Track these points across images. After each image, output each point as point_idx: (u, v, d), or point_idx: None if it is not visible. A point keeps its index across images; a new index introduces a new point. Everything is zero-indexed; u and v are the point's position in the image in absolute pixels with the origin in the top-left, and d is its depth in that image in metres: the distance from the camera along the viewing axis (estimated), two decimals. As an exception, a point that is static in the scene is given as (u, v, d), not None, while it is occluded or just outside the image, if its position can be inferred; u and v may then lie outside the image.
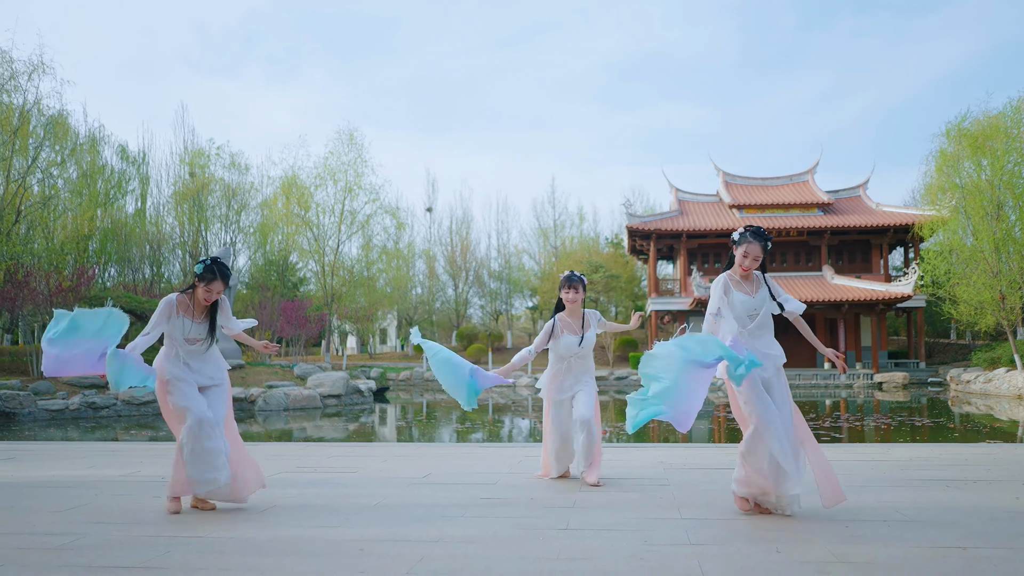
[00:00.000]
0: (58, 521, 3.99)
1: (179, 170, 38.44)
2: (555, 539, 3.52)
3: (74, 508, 4.32)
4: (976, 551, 3.26)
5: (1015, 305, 25.18)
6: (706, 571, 2.97)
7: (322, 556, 3.25)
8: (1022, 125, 26.18)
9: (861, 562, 3.10)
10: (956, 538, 3.49)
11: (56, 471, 5.85)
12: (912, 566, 3.03)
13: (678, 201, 39.11)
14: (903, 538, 3.50)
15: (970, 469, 5.64)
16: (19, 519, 4.05)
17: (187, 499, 4.43)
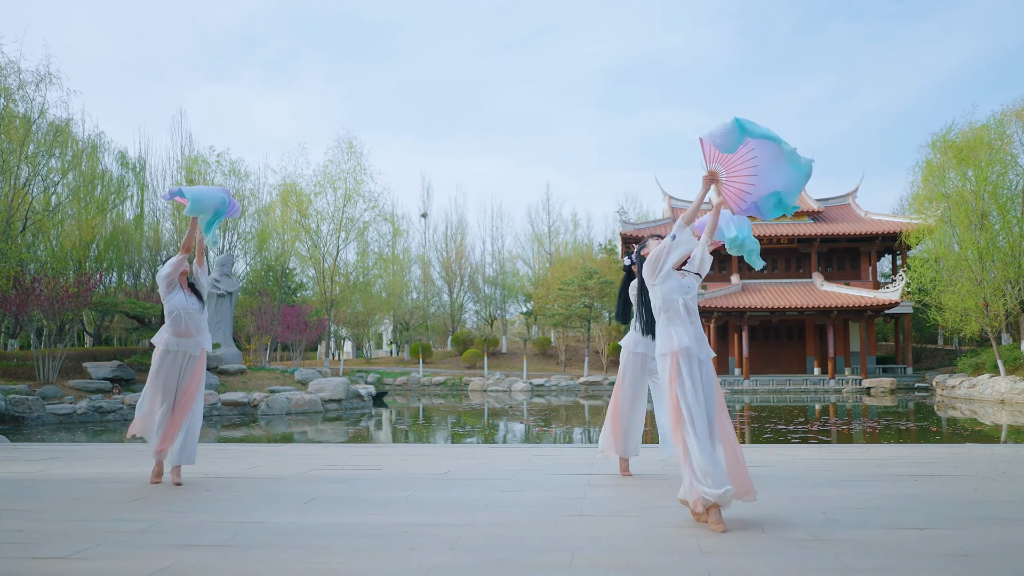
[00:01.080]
0: (129, 510, 4.51)
1: (177, 176, 38.85)
2: (572, 523, 4.07)
3: (137, 500, 4.85)
4: (932, 531, 3.83)
5: (998, 312, 25.88)
6: (703, 548, 3.53)
7: (374, 537, 3.78)
8: (1005, 138, 26.95)
9: (834, 540, 3.66)
10: (916, 521, 4.06)
11: (103, 469, 6.36)
12: (877, 543, 3.59)
13: (671, 208, 39.78)
14: (871, 522, 4.06)
15: (939, 466, 6.21)
16: (93, 508, 4.56)
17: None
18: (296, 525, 4.06)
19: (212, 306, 26.39)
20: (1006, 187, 26.48)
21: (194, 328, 5.67)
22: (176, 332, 5.62)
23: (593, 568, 3.18)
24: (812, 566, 3.21)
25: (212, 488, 5.29)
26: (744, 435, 14.35)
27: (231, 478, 5.79)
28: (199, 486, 5.40)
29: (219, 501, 4.78)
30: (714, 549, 3.50)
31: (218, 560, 3.33)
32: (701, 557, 3.35)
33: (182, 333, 5.63)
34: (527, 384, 34.49)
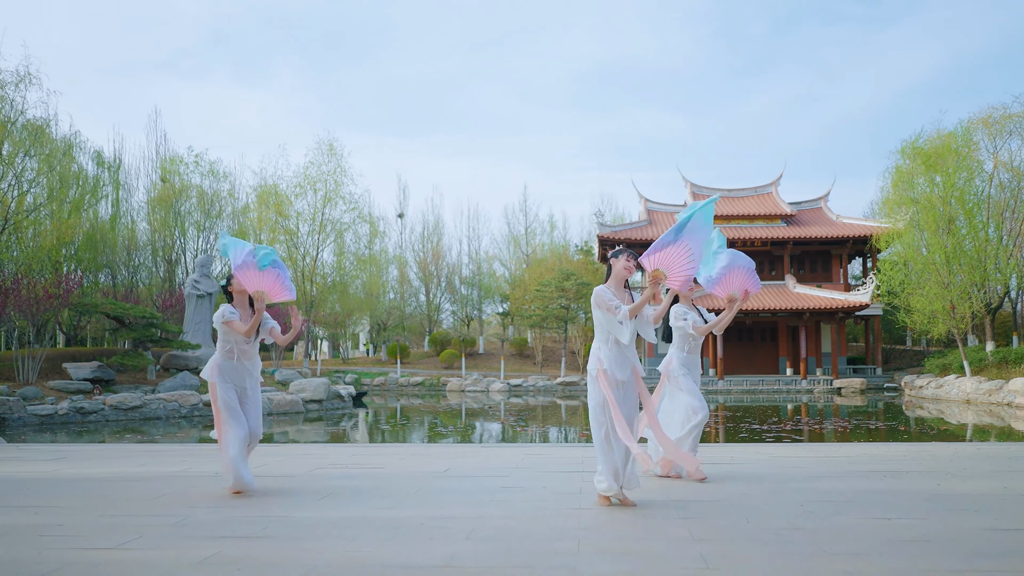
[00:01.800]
0: (158, 505, 4.81)
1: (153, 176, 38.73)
2: (573, 516, 4.45)
3: (161, 496, 5.14)
4: (898, 520, 4.25)
5: (965, 315, 26.67)
6: (695, 536, 3.91)
7: (392, 528, 4.12)
8: (971, 145, 27.76)
9: (812, 528, 4.06)
10: (884, 512, 4.48)
11: (113, 468, 6.62)
12: (848, 530, 4.00)
13: (647, 211, 40.34)
14: (844, 512, 4.47)
15: (906, 463, 6.67)
16: (120, 505, 4.85)
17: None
18: (319, 519, 4.38)
19: (192, 307, 26.45)
20: (972, 193, 27.27)
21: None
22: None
23: (599, 553, 3.55)
24: (794, 551, 3.60)
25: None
26: (719, 434, 14.83)
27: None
28: (214, 484, 5.69)
29: (240, 498, 5.09)
30: (704, 537, 3.88)
31: (257, 549, 3.65)
32: (693, 544, 3.73)
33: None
34: (505, 384, 34.87)
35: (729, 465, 6.58)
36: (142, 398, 19.46)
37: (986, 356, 26.31)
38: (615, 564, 3.37)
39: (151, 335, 23.47)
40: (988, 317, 27.68)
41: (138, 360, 22.18)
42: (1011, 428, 16.13)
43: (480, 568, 3.32)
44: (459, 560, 3.46)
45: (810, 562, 3.40)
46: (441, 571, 3.28)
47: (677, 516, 4.40)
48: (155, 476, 6.11)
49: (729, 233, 36.56)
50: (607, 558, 3.47)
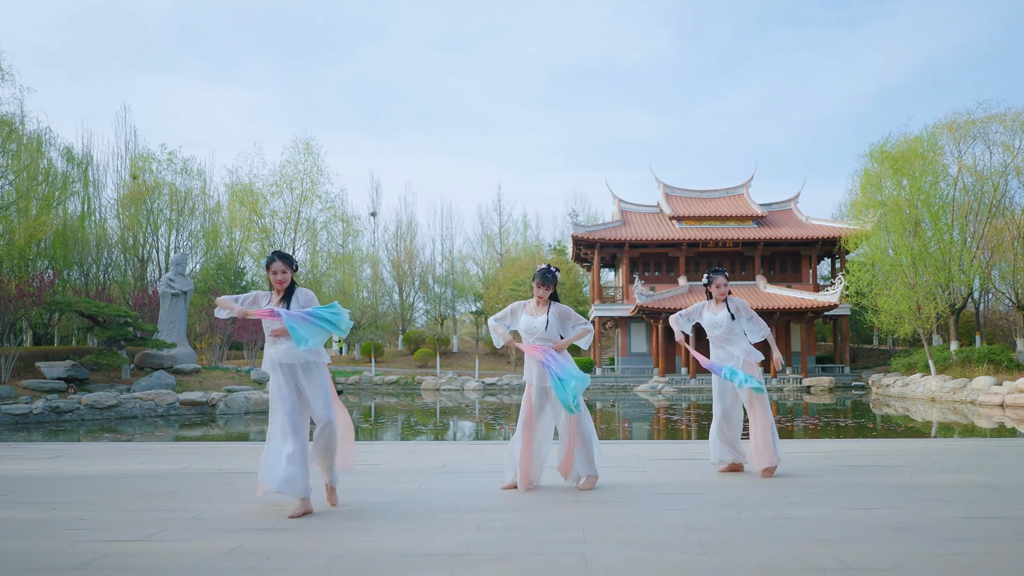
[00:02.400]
0: (172, 501, 4.98)
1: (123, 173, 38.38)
2: (574, 507, 4.70)
3: (171, 493, 5.31)
4: (877, 510, 4.56)
5: (930, 315, 27.41)
6: (691, 525, 4.19)
7: (404, 520, 4.34)
8: (937, 149, 28.53)
9: (798, 518, 4.35)
10: (863, 503, 4.80)
11: (114, 466, 6.75)
12: (831, 519, 4.30)
13: (621, 212, 40.77)
14: (826, 504, 4.78)
15: (880, 458, 7.02)
16: (135, 501, 5.02)
17: None
18: (333, 513, 4.60)
19: (167, 306, 26.33)
20: (938, 196, 28.02)
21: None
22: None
23: (605, 541, 3.81)
24: (784, 537, 3.88)
25: (234, 482, 5.76)
26: (691, 432, 15.19)
27: (244, 473, 6.26)
28: (221, 480, 5.86)
29: (248, 493, 5.27)
30: (699, 526, 4.15)
31: (281, 541, 3.86)
32: (690, 532, 4.00)
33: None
34: (479, 383, 35.07)
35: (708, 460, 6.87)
36: (118, 397, 19.40)
37: (950, 355, 27.06)
38: (621, 551, 3.63)
39: (126, 334, 23.35)
40: (952, 317, 28.46)
41: (113, 359, 22.08)
42: (974, 425, 16.69)
43: (496, 555, 3.56)
44: (475, 548, 3.69)
45: (799, 547, 3.68)
46: (460, 558, 3.51)
47: (672, 508, 4.67)
48: (159, 473, 6.26)
49: (701, 234, 37.18)
50: (613, 546, 3.73)
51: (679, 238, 36.86)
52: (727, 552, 3.60)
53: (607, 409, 22.67)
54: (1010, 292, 29.54)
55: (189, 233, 38.06)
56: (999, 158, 28.84)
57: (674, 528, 4.11)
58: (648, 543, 3.78)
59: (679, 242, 37.12)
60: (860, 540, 3.82)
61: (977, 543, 3.75)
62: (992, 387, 22.66)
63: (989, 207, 28.64)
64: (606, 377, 35.98)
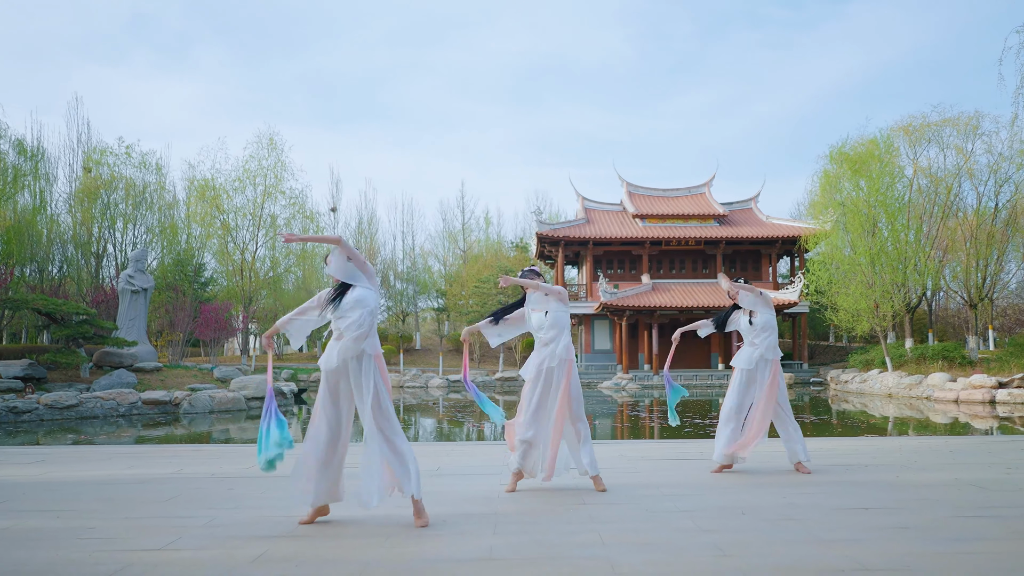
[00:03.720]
0: (178, 507, 4.94)
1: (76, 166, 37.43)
2: (582, 509, 4.79)
3: (173, 499, 5.25)
4: (874, 510, 4.73)
5: (887, 313, 28.12)
6: (701, 527, 4.30)
7: (421, 526, 4.36)
8: (893, 151, 29.26)
9: (800, 518, 4.49)
10: (859, 502, 4.97)
11: (104, 471, 6.65)
12: (833, 519, 4.46)
13: (584, 209, 41.02)
14: (823, 504, 4.94)
15: (860, 456, 7.24)
16: (139, 507, 4.96)
17: None
18: (347, 519, 4.61)
19: (127, 303, 25.82)
20: (894, 197, 28.72)
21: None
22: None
23: (624, 544, 3.89)
24: (793, 538, 4.01)
25: (233, 487, 5.72)
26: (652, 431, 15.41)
27: (237, 477, 6.22)
28: (219, 485, 5.81)
29: (251, 498, 5.25)
30: (710, 528, 4.26)
31: (305, 548, 3.87)
32: (703, 535, 4.11)
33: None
34: (443, 380, 35.05)
35: (701, 460, 7.03)
36: (78, 397, 19.00)
37: (906, 352, 27.81)
38: (643, 553, 3.72)
39: (84, 332, 22.85)
40: (907, 316, 29.23)
41: (71, 358, 21.61)
42: (931, 421, 17.20)
43: (521, 559, 3.61)
44: (498, 553, 3.74)
45: (810, 548, 3.80)
46: (486, 563, 3.56)
47: (677, 510, 4.78)
48: (152, 478, 6.18)
49: (664, 232, 37.59)
50: (633, 548, 3.81)
51: (642, 236, 37.23)
52: (744, 554, 3.71)
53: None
54: (962, 291, 30.43)
55: (147, 228, 37.29)
56: (952, 160, 29.70)
57: (686, 530, 4.21)
58: (666, 546, 3.87)
59: (642, 240, 37.49)
60: (867, 540, 3.96)
61: (975, 542, 3.92)
62: (947, 383, 23.36)
63: (943, 208, 29.46)
64: (570, 374, 36.16)
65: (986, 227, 28.95)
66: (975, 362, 25.74)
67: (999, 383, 22.06)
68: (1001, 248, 29.28)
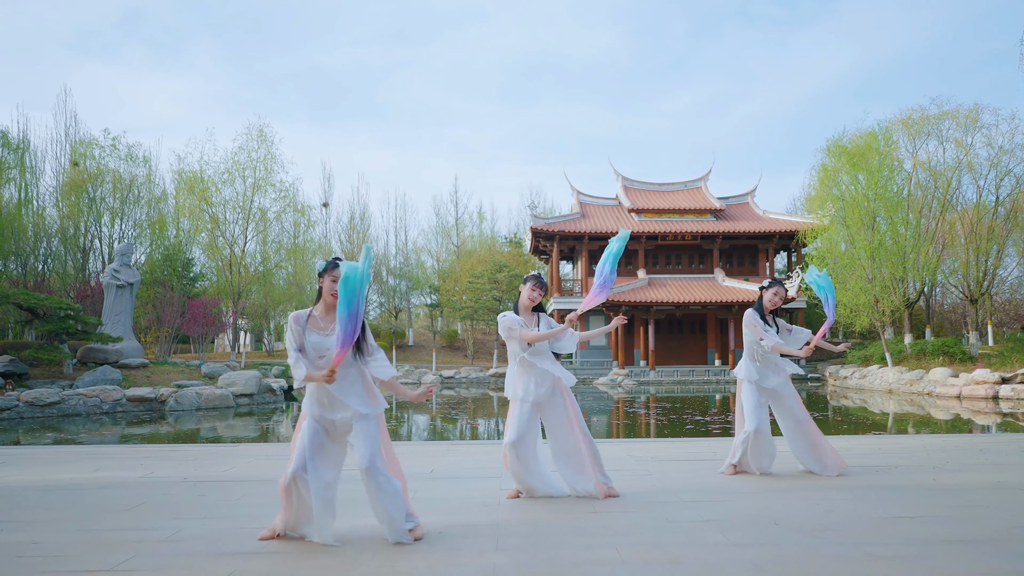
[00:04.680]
0: (139, 517, 4.40)
1: (63, 159, 36.69)
2: (593, 519, 4.26)
3: (136, 507, 4.71)
4: (923, 518, 4.22)
5: (887, 308, 27.70)
6: (732, 540, 3.79)
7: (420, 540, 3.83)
8: (892, 144, 28.81)
9: (841, 529, 3.98)
10: (903, 511, 4.46)
11: (67, 474, 6.10)
12: (879, 529, 3.95)
13: (579, 204, 40.49)
14: (863, 510, 4.43)
15: (886, 457, 6.74)
16: (96, 517, 4.41)
17: None
18: (327, 529, 4.06)
19: (112, 298, 25.20)
20: (893, 191, 28.28)
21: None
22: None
23: (647, 563, 3.37)
24: (838, 553, 3.50)
25: (205, 493, 5.18)
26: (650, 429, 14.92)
27: (215, 481, 5.68)
28: (187, 491, 5.27)
29: (223, 506, 4.71)
30: (742, 541, 3.75)
31: (279, 567, 3.34)
32: (736, 550, 3.59)
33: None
34: (437, 376, 34.50)
35: (715, 461, 6.52)
36: (60, 394, 18.39)
37: (905, 348, 27.40)
38: (673, 573, 3.20)
39: (68, 327, 22.22)
40: (906, 311, 28.82)
41: (54, 353, 21.00)
42: (941, 418, 16.74)
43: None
44: (503, 572, 3.23)
45: (863, 566, 3.30)
46: (490, 587, 3.04)
47: (701, 519, 4.27)
48: (118, 483, 5.63)
49: (660, 227, 37.08)
50: (658, 568, 3.30)
51: (638, 231, 36.70)
52: (787, 573, 3.20)
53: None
54: (962, 286, 30.03)
55: (134, 222, 36.55)
56: (951, 154, 29.27)
57: (716, 544, 3.69)
58: (695, 563, 3.36)
59: (638, 235, 36.97)
60: (924, 556, 3.46)
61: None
62: (949, 379, 22.94)
63: (941, 202, 29.05)
64: (565, 370, 35.63)
65: (986, 221, 28.54)
66: (975, 358, 25.34)
67: (1002, 378, 21.65)
68: (1001, 243, 28.89)
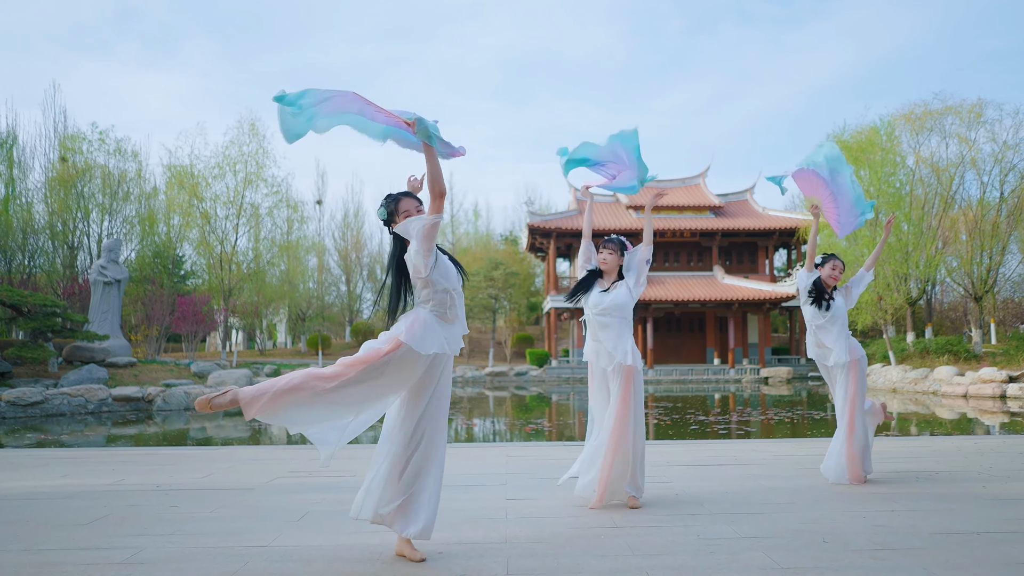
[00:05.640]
0: (98, 533, 3.85)
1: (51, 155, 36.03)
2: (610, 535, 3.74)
3: (97, 521, 4.17)
4: (989, 535, 3.69)
5: (889, 306, 27.24)
6: (780, 563, 3.26)
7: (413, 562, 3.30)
8: (894, 139, 28.34)
9: (900, 548, 3.46)
10: (963, 524, 3.93)
11: (29, 481, 5.55)
12: (945, 549, 3.43)
13: (577, 200, 39.98)
14: (918, 524, 3.90)
15: (922, 461, 6.23)
16: (51, 534, 3.87)
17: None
18: (313, 549, 3.53)
19: (99, 295, 24.61)
20: (895, 187, 27.81)
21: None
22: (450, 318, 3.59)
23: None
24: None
25: (178, 503, 4.64)
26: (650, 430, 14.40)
27: (190, 490, 5.14)
28: (157, 499, 4.74)
29: (195, 520, 4.17)
30: (790, 564, 3.23)
31: (249, 600, 2.80)
32: (781, 572, 3.07)
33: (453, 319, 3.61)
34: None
35: (738, 466, 6.01)
36: (43, 393, 17.81)
37: (907, 346, 26.96)
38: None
39: (53, 325, 21.61)
40: (909, 309, 28.37)
41: (38, 352, 20.41)
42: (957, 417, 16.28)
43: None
44: (518, 607, 2.70)
45: (941, 596, 2.79)
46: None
47: (740, 536, 3.73)
48: (83, 491, 5.08)
49: (659, 223, 36.60)
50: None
51: (637, 228, 36.20)
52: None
53: (563, 402, 21.82)
54: (965, 282, 29.57)
55: (123, 219, 35.88)
56: (955, 150, 28.78)
57: (761, 568, 3.17)
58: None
59: (637, 231, 36.48)
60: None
61: None
62: (954, 378, 22.50)
63: (944, 199, 28.58)
64: (562, 369, 35.17)
65: (990, 218, 28.09)
66: (980, 356, 24.91)
67: (1009, 377, 21.21)
68: (1004, 240, 28.44)
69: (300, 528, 3.95)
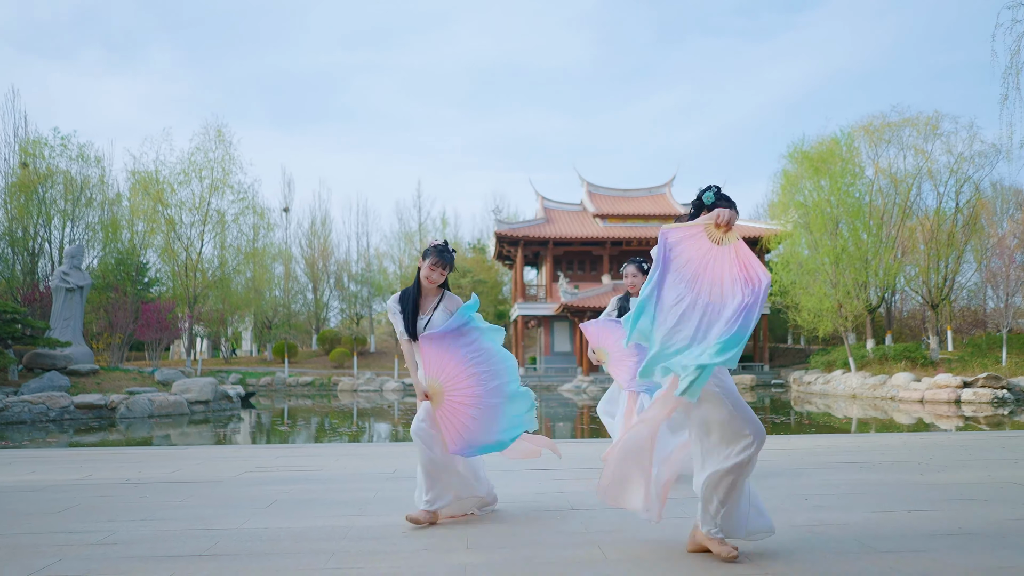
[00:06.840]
0: (70, 520, 3.96)
1: (12, 161, 35.51)
2: (571, 518, 3.94)
3: (69, 509, 4.27)
4: (920, 512, 3.96)
5: (850, 314, 27.86)
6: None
7: (374, 539, 3.48)
8: (853, 150, 29.06)
9: (836, 523, 3.71)
10: (896, 504, 4.20)
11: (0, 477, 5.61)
12: (877, 525, 3.68)
13: (544, 209, 40.29)
14: (855, 506, 4.16)
15: (869, 454, 6.52)
16: (24, 520, 3.97)
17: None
18: (281, 530, 3.68)
19: (61, 302, 24.31)
20: (855, 197, 28.49)
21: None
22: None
23: (633, 561, 3.05)
24: (841, 548, 3.22)
25: (147, 494, 4.74)
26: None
27: (159, 483, 5.24)
28: (127, 491, 4.84)
29: (166, 508, 4.29)
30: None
31: (223, 570, 2.94)
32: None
33: None
34: (399, 384, 33.93)
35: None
36: (3, 400, 17.58)
37: (867, 353, 27.57)
38: (663, 572, 2.88)
39: (13, 331, 21.31)
40: (868, 316, 29.03)
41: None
42: (905, 421, 16.76)
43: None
44: (473, 571, 2.88)
45: (867, 561, 3.02)
46: (463, 590, 2.70)
47: (688, 517, 3.96)
48: (52, 485, 5.16)
49: (625, 232, 37.03)
50: (647, 567, 2.98)
51: (603, 236, 36.60)
52: (788, 566, 2.90)
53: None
54: (922, 291, 30.34)
55: (86, 225, 35.42)
56: (912, 161, 29.58)
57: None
58: (691, 561, 3.04)
59: (603, 240, 36.87)
60: (931, 550, 3.19)
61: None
62: (911, 383, 23.09)
63: (902, 209, 29.33)
64: (529, 376, 35.39)
65: (946, 228, 28.89)
66: (937, 362, 25.58)
67: (964, 383, 21.83)
68: (960, 249, 29.26)
69: (269, 514, 4.09)
